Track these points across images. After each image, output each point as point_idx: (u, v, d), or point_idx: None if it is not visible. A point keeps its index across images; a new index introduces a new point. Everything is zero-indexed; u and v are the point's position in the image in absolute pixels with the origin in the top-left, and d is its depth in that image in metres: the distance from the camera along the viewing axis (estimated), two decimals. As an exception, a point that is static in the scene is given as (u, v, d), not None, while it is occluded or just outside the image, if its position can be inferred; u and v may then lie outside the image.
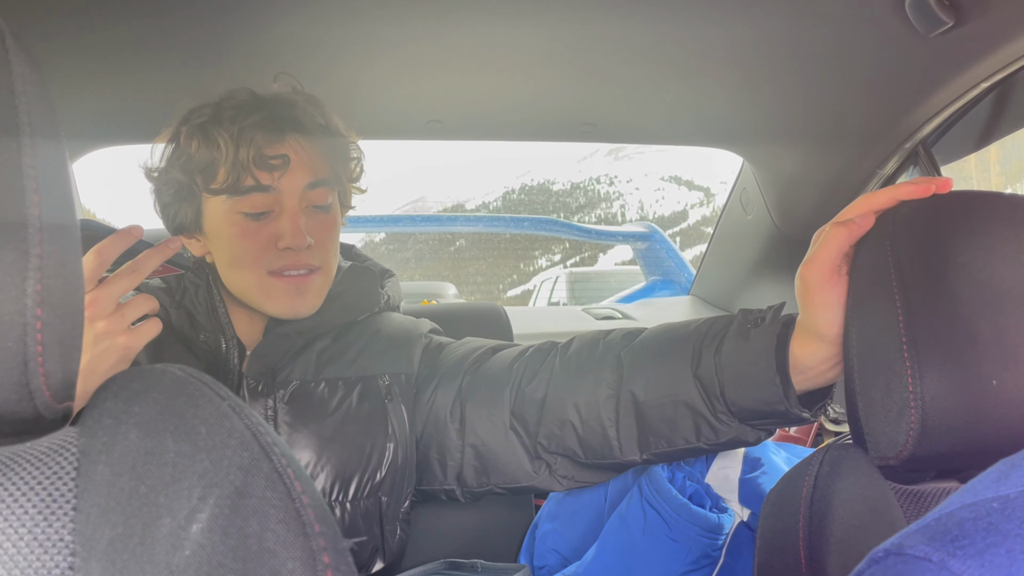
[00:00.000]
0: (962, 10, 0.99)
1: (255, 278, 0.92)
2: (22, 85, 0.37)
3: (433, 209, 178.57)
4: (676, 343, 0.85)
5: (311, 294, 0.95)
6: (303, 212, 0.93)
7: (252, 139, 0.89)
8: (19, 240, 0.36)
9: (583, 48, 1.17)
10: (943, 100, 1.26)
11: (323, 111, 0.98)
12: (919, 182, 0.67)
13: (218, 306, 0.97)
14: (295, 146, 0.93)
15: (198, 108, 0.94)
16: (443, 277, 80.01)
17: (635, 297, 3.43)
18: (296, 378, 0.96)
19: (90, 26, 1.04)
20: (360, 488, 0.94)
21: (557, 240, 49.38)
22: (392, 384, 0.99)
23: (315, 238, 0.93)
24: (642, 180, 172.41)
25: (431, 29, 1.10)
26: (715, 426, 0.82)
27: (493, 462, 0.94)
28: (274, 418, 0.93)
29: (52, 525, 0.35)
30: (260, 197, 0.91)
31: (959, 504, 0.39)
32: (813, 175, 1.67)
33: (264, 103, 0.94)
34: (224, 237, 0.92)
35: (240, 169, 0.89)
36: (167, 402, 0.39)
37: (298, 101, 0.96)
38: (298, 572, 0.35)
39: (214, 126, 0.90)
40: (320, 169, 0.95)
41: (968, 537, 0.36)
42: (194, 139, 0.91)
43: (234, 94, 0.94)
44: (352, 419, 0.95)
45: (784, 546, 0.69)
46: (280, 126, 0.92)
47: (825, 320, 0.73)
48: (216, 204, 0.92)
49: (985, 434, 0.60)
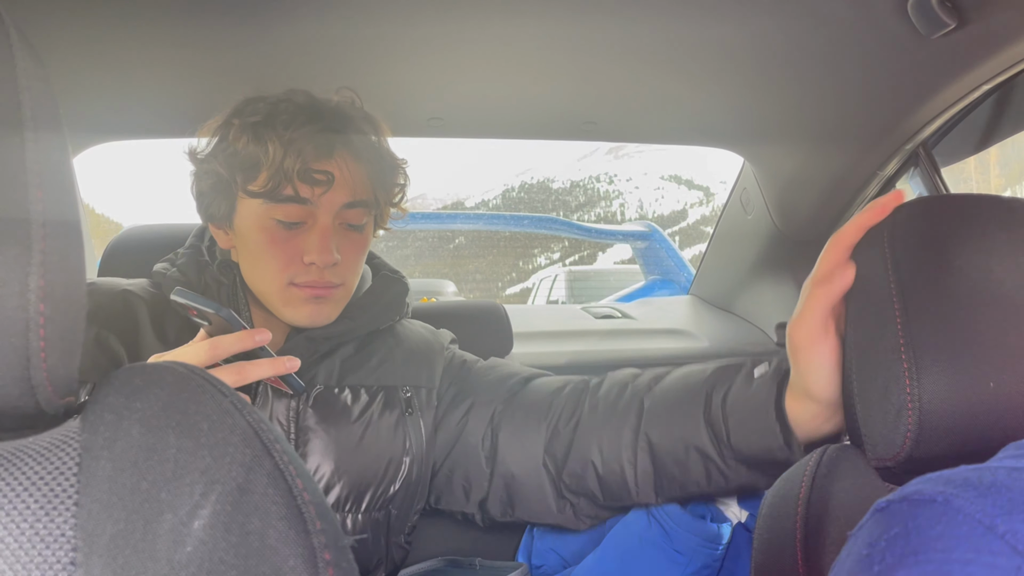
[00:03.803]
0: (964, 12, 1.00)
1: (276, 286, 0.91)
2: (26, 80, 0.37)
3: (432, 206, 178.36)
4: (691, 388, 0.87)
5: (330, 306, 0.94)
6: (336, 229, 0.91)
7: (301, 150, 0.87)
8: (22, 235, 0.36)
9: (584, 46, 1.17)
10: (944, 102, 1.27)
11: (378, 131, 0.96)
12: (875, 206, 0.67)
13: (242, 308, 0.96)
14: (342, 164, 0.91)
15: (253, 102, 0.92)
16: (442, 275, 79.89)
17: (634, 296, 3.44)
18: (320, 382, 0.95)
19: (92, 19, 1.04)
20: (373, 500, 0.94)
21: (556, 238, 49.26)
22: (412, 396, 0.98)
23: (343, 256, 0.92)
24: (642, 179, 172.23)
25: (432, 27, 1.09)
26: (725, 472, 0.84)
27: (521, 496, 0.95)
28: (296, 420, 0.92)
29: (54, 520, 0.35)
30: (296, 208, 0.89)
31: (963, 469, 0.40)
32: (814, 175, 1.67)
33: (320, 113, 0.91)
34: (253, 239, 0.91)
35: (282, 177, 0.87)
36: (169, 398, 0.39)
37: (355, 117, 0.94)
38: (299, 569, 0.35)
39: (266, 128, 0.88)
40: (361, 190, 0.93)
41: (972, 485, 0.37)
42: (244, 136, 0.89)
43: (292, 96, 0.92)
44: (373, 429, 0.94)
45: (781, 546, 0.69)
46: (332, 141, 0.90)
47: (815, 381, 0.72)
48: (251, 205, 0.90)
49: (983, 435, 0.60)
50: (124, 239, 1.30)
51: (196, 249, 1.00)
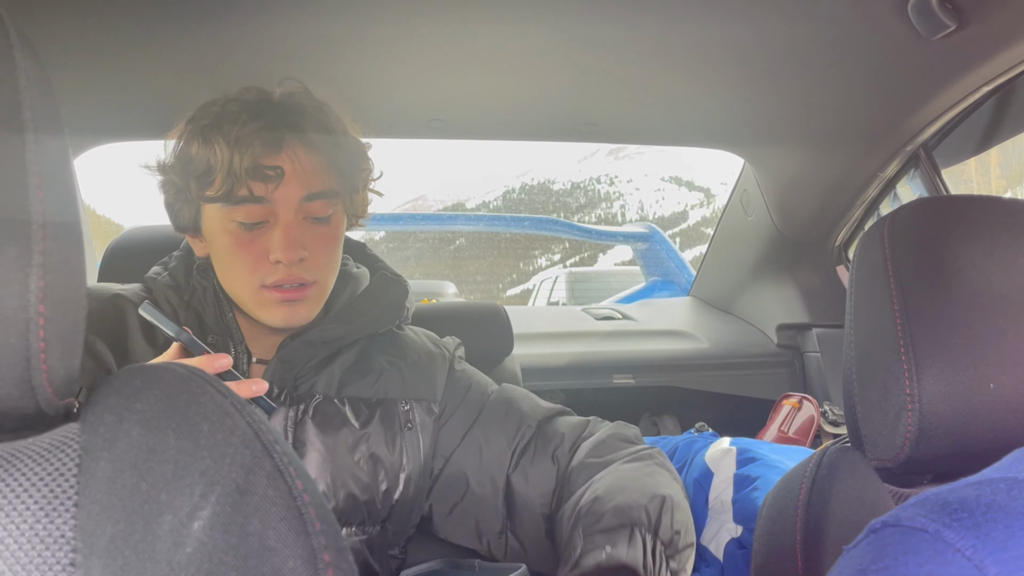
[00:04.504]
0: (964, 14, 1.00)
1: (249, 289, 0.90)
2: (26, 81, 0.37)
3: (433, 208, 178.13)
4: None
5: (304, 307, 0.92)
6: (299, 224, 0.89)
7: (250, 147, 0.85)
8: (23, 237, 0.36)
9: (585, 48, 1.17)
10: (945, 103, 1.27)
11: (333, 118, 0.94)
12: None
13: (225, 310, 0.95)
14: (293, 156, 0.88)
15: (206, 106, 0.90)
16: (443, 276, 79.84)
17: (635, 297, 3.44)
18: (319, 392, 0.94)
19: (92, 21, 1.04)
20: (369, 515, 0.93)
21: (557, 240, 49.18)
22: (411, 410, 0.97)
23: (310, 251, 0.90)
24: (642, 180, 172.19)
25: (433, 29, 1.10)
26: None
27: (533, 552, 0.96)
28: (293, 431, 0.91)
29: (54, 521, 0.35)
30: (254, 208, 0.87)
31: (964, 483, 0.39)
32: (814, 177, 1.67)
33: (269, 107, 0.90)
34: (220, 244, 0.90)
35: (235, 179, 0.85)
36: (169, 399, 0.39)
37: (307, 107, 0.92)
38: (299, 570, 0.35)
39: (214, 130, 0.86)
40: (320, 181, 0.90)
41: (968, 511, 0.35)
42: (194, 142, 0.88)
43: (243, 94, 0.91)
44: (372, 445, 0.93)
45: (781, 548, 0.69)
46: (280, 134, 0.88)
47: None
48: (212, 210, 0.89)
49: (982, 437, 0.60)
50: (125, 241, 1.30)
51: (188, 253, 0.99)
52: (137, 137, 1.48)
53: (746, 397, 1.92)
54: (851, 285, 0.71)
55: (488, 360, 1.36)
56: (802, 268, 1.95)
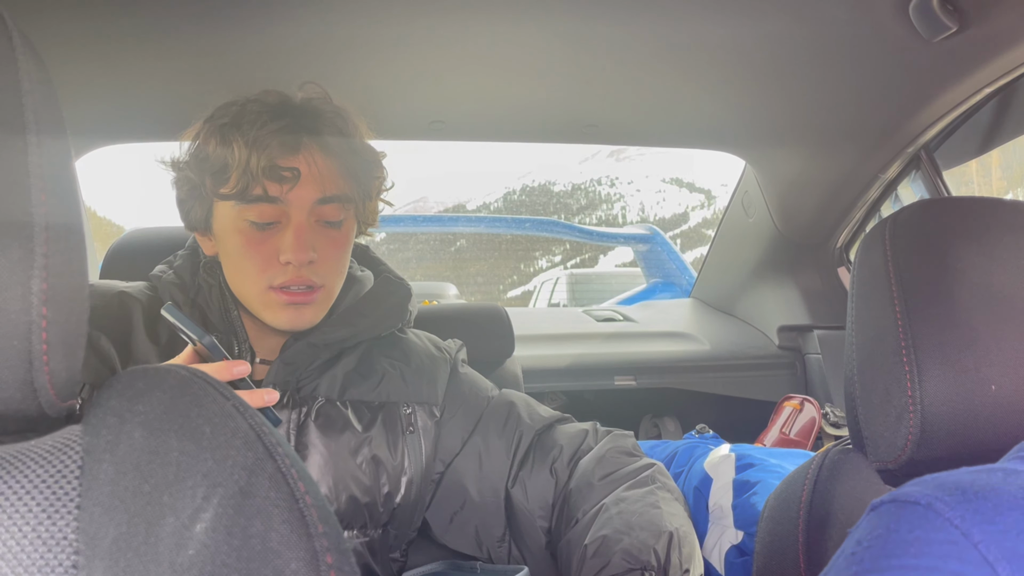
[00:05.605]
0: (966, 15, 1.00)
1: (256, 289, 0.90)
2: (28, 83, 0.37)
3: (434, 209, 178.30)
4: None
5: (310, 311, 0.92)
6: (311, 226, 0.90)
7: (267, 147, 0.86)
8: (25, 239, 0.36)
9: (585, 50, 1.17)
10: (946, 105, 1.27)
11: (351, 124, 0.94)
12: None
13: (231, 309, 0.95)
14: (309, 159, 0.89)
15: (226, 106, 0.91)
16: (444, 277, 79.88)
17: (636, 299, 3.43)
18: (322, 395, 0.94)
19: (95, 23, 1.04)
20: (371, 519, 0.93)
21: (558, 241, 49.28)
22: (413, 414, 0.98)
23: (320, 254, 0.90)
24: (643, 182, 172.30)
25: (434, 31, 1.10)
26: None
27: (533, 562, 0.97)
28: (296, 433, 0.91)
29: (56, 523, 0.35)
30: (268, 207, 0.88)
31: (963, 471, 0.40)
32: (815, 178, 1.67)
33: (289, 110, 0.90)
34: (230, 243, 0.91)
35: (250, 177, 0.86)
36: (171, 401, 0.39)
37: (325, 111, 0.93)
38: (301, 572, 0.35)
39: (233, 129, 0.87)
40: (334, 185, 0.91)
41: (961, 490, 0.37)
42: (212, 139, 0.88)
43: (263, 96, 0.91)
44: (374, 448, 0.93)
45: (783, 549, 0.69)
46: (298, 136, 0.89)
47: None
48: (225, 208, 0.90)
49: (984, 439, 0.60)
50: (126, 242, 1.30)
51: (194, 251, 1.00)
52: (138, 139, 1.48)
53: (747, 399, 1.92)
54: (852, 287, 0.71)
55: (489, 362, 1.36)
56: (803, 270, 1.95)
